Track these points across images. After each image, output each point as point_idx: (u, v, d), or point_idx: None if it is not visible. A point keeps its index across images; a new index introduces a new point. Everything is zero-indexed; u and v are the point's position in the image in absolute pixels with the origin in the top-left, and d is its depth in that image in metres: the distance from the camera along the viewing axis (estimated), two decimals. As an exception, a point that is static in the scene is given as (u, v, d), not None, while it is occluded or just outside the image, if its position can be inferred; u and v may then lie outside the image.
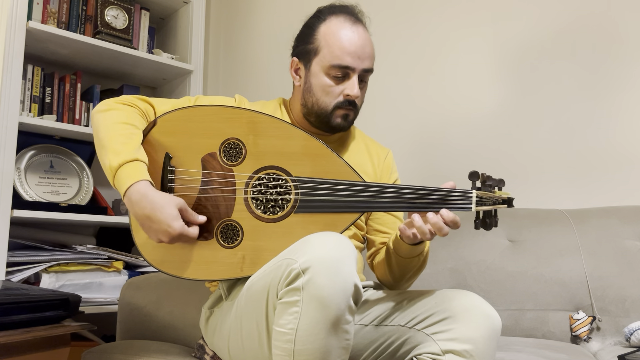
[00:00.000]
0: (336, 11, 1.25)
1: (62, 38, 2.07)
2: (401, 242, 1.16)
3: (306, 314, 0.88)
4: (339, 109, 1.22)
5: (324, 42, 1.21)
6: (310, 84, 1.24)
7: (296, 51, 1.29)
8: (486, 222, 1.10)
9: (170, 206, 1.02)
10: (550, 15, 1.81)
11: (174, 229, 1.01)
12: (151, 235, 1.04)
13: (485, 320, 0.98)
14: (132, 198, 1.03)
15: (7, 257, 1.84)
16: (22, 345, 1.21)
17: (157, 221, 1.01)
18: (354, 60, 1.19)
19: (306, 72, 1.25)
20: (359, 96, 1.23)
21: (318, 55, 1.22)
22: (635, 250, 1.47)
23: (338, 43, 1.19)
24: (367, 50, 1.22)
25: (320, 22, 1.24)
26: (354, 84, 1.20)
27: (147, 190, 1.03)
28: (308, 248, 0.91)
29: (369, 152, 1.35)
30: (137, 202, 1.03)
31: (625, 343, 1.38)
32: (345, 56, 1.19)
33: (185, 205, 1.05)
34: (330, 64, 1.20)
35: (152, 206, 1.01)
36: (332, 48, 1.20)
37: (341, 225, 1.10)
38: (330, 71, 1.20)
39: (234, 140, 1.13)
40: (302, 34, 1.28)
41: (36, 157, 2.11)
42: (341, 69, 1.20)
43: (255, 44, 2.61)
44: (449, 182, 1.09)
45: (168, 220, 1.01)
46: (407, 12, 2.12)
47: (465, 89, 1.96)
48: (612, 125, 1.68)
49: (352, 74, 1.21)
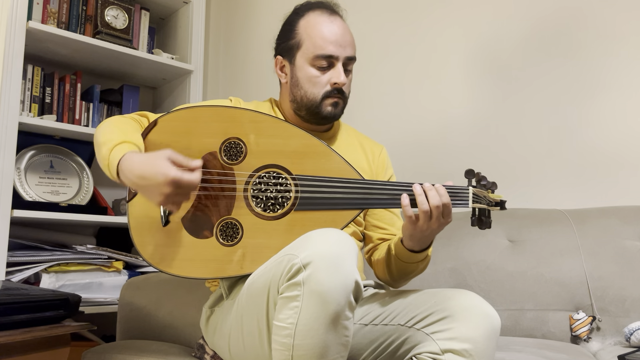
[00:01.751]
0: (313, 7, 1.28)
1: (62, 38, 2.07)
2: (402, 247, 1.17)
3: (306, 309, 0.88)
4: (328, 98, 1.24)
5: (306, 35, 1.24)
6: (297, 78, 1.26)
7: (279, 49, 1.31)
8: (482, 219, 1.11)
9: (159, 158, 1.01)
10: (550, 15, 1.81)
11: (167, 174, 0.99)
12: (152, 196, 1.02)
13: (485, 320, 0.98)
14: (123, 167, 1.03)
15: (7, 257, 1.84)
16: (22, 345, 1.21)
17: (150, 175, 1.00)
18: (336, 49, 1.22)
19: (291, 68, 1.27)
20: (346, 83, 1.25)
21: (301, 48, 1.25)
22: (635, 250, 1.47)
23: (319, 34, 1.22)
24: (347, 38, 1.25)
25: (299, 17, 1.27)
26: (340, 71, 1.23)
27: (133, 154, 1.04)
28: (309, 244, 0.91)
29: (364, 149, 1.37)
30: (127, 167, 1.02)
31: (625, 343, 1.38)
32: (328, 45, 1.22)
33: (175, 153, 1.03)
34: (314, 55, 1.22)
35: (141, 164, 1.01)
36: (314, 39, 1.23)
37: (341, 222, 1.10)
38: (315, 62, 1.23)
39: (234, 140, 1.14)
40: (282, 31, 1.31)
41: (36, 157, 2.11)
42: (325, 58, 1.22)
43: (255, 44, 2.61)
44: (448, 182, 1.11)
45: (160, 169, 0.99)
46: (403, 12, 2.12)
47: (463, 89, 1.96)
48: (612, 126, 1.68)
49: (336, 63, 1.23)
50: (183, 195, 1.03)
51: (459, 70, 1.98)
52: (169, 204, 1.02)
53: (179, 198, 1.03)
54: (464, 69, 1.97)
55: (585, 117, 1.73)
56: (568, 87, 1.76)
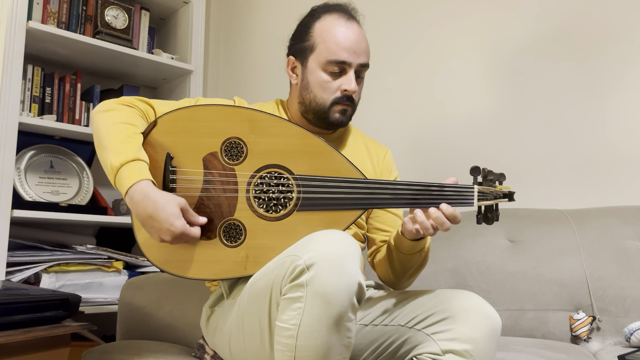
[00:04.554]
0: (330, 9, 1.26)
1: (62, 38, 2.07)
2: (403, 239, 1.16)
3: (309, 310, 0.88)
4: (337, 104, 1.23)
5: (320, 39, 1.22)
6: (308, 81, 1.24)
7: (292, 50, 1.30)
8: (488, 216, 1.10)
9: (172, 205, 1.02)
10: (550, 15, 1.81)
11: (176, 227, 1.01)
12: (153, 235, 1.04)
13: (485, 320, 0.98)
14: (134, 197, 1.03)
15: (7, 257, 1.84)
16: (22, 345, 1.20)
17: (159, 220, 1.01)
18: (350, 55, 1.21)
19: (303, 70, 1.26)
20: (357, 91, 1.24)
21: (314, 51, 1.23)
22: (635, 250, 1.47)
23: (334, 39, 1.21)
24: (362, 45, 1.23)
25: (315, 19, 1.26)
26: (351, 79, 1.22)
27: (149, 189, 1.03)
28: (313, 245, 0.91)
29: (369, 151, 1.36)
30: (139, 201, 1.03)
31: (625, 343, 1.38)
32: (342, 51, 1.20)
33: (187, 205, 1.05)
34: (327, 60, 1.21)
35: (155, 205, 1.02)
36: (328, 44, 1.21)
37: (344, 223, 1.10)
38: (327, 67, 1.21)
39: (235, 140, 1.13)
40: (297, 32, 1.29)
41: (36, 157, 2.11)
42: (338, 64, 1.21)
43: (255, 44, 2.61)
44: (450, 178, 1.09)
45: (170, 219, 1.01)
46: (408, 12, 2.12)
47: (465, 89, 1.96)
48: (612, 125, 1.69)
49: (348, 69, 1.22)
50: (178, 243, 1.07)
51: (461, 72, 1.98)
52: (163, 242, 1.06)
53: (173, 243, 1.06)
54: (467, 71, 1.97)
55: (585, 117, 1.73)
56: (569, 88, 1.76)
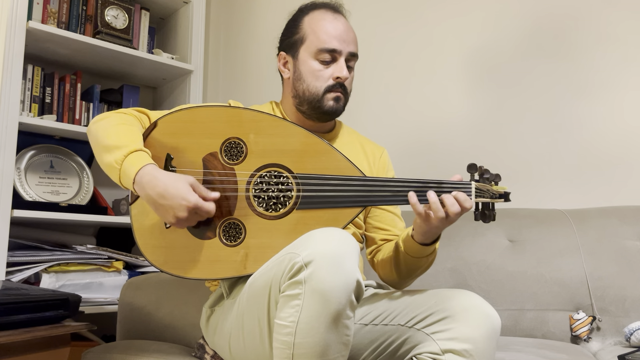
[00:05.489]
0: (317, 6, 1.32)
1: (62, 38, 2.07)
2: (412, 242, 1.17)
3: (307, 307, 0.88)
4: (330, 91, 1.26)
5: (310, 30, 1.27)
6: (300, 72, 1.28)
7: (283, 45, 1.34)
8: (485, 213, 1.11)
9: (182, 181, 1.03)
10: (549, 15, 1.81)
11: (189, 200, 1.02)
12: (167, 215, 1.04)
13: (485, 320, 0.98)
14: (142, 181, 1.04)
15: (7, 257, 1.84)
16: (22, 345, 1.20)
17: (171, 196, 1.02)
18: (340, 44, 1.25)
19: (294, 62, 1.29)
20: (348, 77, 1.27)
21: (305, 42, 1.27)
22: (635, 250, 1.47)
23: (323, 29, 1.26)
24: (350, 35, 1.28)
25: (304, 15, 1.31)
26: (342, 66, 1.25)
27: (156, 170, 1.05)
28: (311, 242, 0.92)
29: (365, 151, 1.37)
30: (149, 182, 1.03)
31: (625, 343, 1.38)
32: (332, 39, 1.25)
33: (196, 181, 1.06)
34: (318, 48, 1.25)
35: (164, 183, 1.02)
36: (318, 34, 1.26)
37: (343, 221, 1.11)
38: (319, 56, 1.25)
39: (234, 140, 1.14)
40: (287, 28, 1.34)
41: (36, 157, 2.11)
42: (329, 52, 1.25)
43: (255, 44, 2.61)
44: (456, 175, 1.11)
45: (182, 194, 1.02)
46: (404, 11, 2.12)
47: (463, 90, 1.96)
48: (612, 125, 1.69)
49: (339, 57, 1.26)
50: (193, 221, 1.06)
51: (458, 71, 1.98)
52: (178, 224, 1.05)
53: (188, 222, 1.06)
54: (464, 70, 1.97)
55: (585, 117, 1.73)
56: (567, 87, 1.76)
